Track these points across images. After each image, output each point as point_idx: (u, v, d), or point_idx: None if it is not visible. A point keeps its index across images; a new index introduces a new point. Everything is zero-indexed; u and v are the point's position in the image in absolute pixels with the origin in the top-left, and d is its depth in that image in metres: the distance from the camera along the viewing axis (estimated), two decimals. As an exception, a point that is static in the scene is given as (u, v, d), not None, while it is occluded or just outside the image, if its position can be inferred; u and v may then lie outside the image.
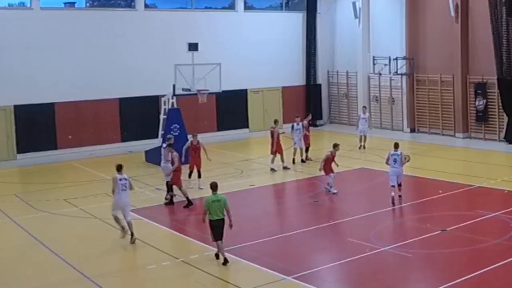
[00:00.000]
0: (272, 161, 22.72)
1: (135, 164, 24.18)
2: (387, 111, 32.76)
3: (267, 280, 12.28)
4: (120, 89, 28.85)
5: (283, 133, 23.63)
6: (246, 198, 19.47)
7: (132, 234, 15.01)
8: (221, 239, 13.37)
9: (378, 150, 25.84)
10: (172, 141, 19.53)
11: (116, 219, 15.21)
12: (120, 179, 15.25)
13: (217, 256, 13.58)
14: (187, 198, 18.14)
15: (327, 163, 19.27)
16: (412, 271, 12.82)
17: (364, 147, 26.69)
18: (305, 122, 24.72)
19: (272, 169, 22.60)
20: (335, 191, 19.03)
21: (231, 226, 13.42)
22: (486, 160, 24.43)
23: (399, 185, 18.00)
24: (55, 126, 27.62)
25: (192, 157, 20.56)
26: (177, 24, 30.35)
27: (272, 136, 22.76)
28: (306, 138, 24.22)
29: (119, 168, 15.29)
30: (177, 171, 18.30)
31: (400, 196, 18.05)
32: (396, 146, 18.34)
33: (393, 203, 17.51)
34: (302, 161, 23.97)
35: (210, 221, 13.37)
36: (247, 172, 22.84)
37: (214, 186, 13.54)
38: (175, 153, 18.36)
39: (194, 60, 24.36)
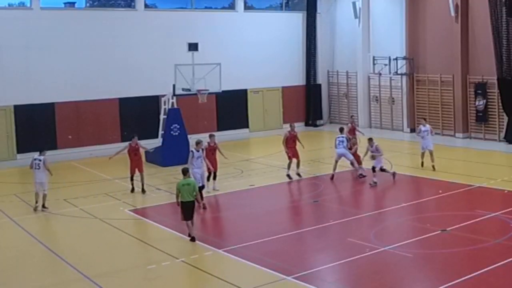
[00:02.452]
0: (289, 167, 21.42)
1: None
2: (387, 111, 32.77)
3: (267, 280, 12.27)
4: (120, 89, 28.86)
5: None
6: (246, 198, 19.48)
7: (43, 205, 17.89)
8: (191, 219, 14.80)
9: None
10: (202, 146, 18.61)
11: (36, 195, 17.93)
12: (35, 159, 18.08)
13: (191, 237, 14.81)
14: (132, 184, 19.89)
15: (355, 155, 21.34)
16: (412, 271, 12.82)
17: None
18: (350, 125, 23.32)
19: (288, 176, 21.31)
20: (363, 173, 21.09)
21: (204, 207, 15.92)
22: (486, 160, 24.42)
23: (431, 154, 21.80)
24: (55, 126, 27.65)
25: (209, 159, 19.30)
26: (177, 24, 30.36)
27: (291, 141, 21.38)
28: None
29: (40, 150, 18.24)
30: (136, 160, 19.85)
31: (433, 166, 21.70)
32: (425, 119, 23.30)
33: (422, 166, 22.03)
34: (362, 175, 21.00)
35: (182, 202, 14.77)
36: (247, 172, 22.84)
37: (185, 171, 15.16)
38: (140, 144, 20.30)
39: (194, 60, 24.36)
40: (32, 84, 26.89)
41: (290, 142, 21.34)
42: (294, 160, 21.34)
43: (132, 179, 20.03)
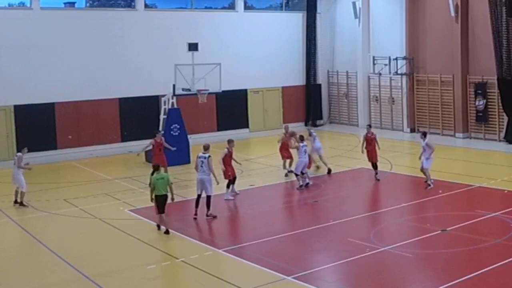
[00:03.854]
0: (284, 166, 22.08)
1: (135, 164, 24.19)
2: (387, 111, 32.78)
3: (267, 280, 12.27)
4: (120, 89, 28.87)
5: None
6: (246, 198, 19.48)
7: (20, 202, 18.57)
8: (163, 212, 15.53)
9: (378, 150, 25.83)
10: (208, 152, 17.11)
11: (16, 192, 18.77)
12: (15, 156, 19.29)
13: (158, 227, 15.80)
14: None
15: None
16: (412, 271, 12.81)
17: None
18: (366, 134, 21.22)
19: (287, 173, 21.75)
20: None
21: (172, 199, 15.69)
22: (486, 160, 24.43)
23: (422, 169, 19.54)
24: (55, 126, 27.65)
25: (229, 165, 18.73)
26: (177, 24, 30.36)
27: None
28: (373, 151, 20.96)
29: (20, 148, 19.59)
30: (160, 155, 20.53)
31: (426, 181, 19.39)
32: (424, 134, 19.75)
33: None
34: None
35: (156, 196, 15.55)
36: (247, 172, 22.82)
37: (157, 167, 15.93)
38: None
39: (194, 60, 24.36)
40: (32, 84, 26.90)
41: (284, 144, 21.72)
42: (288, 160, 21.93)
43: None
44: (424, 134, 19.85)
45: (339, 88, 35.44)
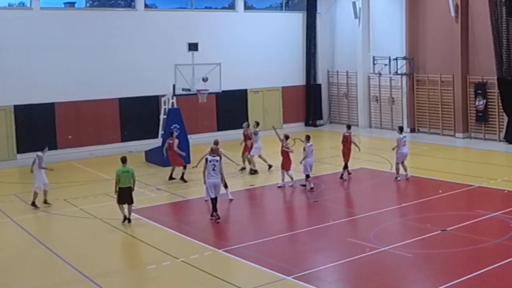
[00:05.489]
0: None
1: (135, 164, 24.03)
2: (387, 111, 32.77)
3: (267, 280, 12.27)
4: (120, 89, 28.87)
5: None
6: (246, 198, 19.48)
7: (44, 201, 18.55)
8: (131, 202, 16.39)
9: (378, 150, 25.87)
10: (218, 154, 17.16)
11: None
12: (36, 156, 18.93)
13: (127, 220, 16.37)
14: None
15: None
16: (412, 271, 12.82)
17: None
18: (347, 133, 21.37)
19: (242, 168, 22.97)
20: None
21: (133, 189, 16.49)
22: (486, 160, 24.43)
23: (402, 163, 20.61)
24: (55, 126, 27.64)
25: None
26: (177, 24, 30.36)
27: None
28: (347, 151, 21.04)
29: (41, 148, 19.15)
30: (174, 155, 21.14)
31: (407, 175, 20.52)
32: (401, 129, 21.07)
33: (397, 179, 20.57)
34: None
35: (120, 188, 16.29)
36: (247, 172, 22.82)
37: (124, 159, 16.57)
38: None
39: (194, 60, 24.35)
40: (32, 84, 26.89)
41: (246, 139, 23.08)
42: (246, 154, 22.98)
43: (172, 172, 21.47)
44: (401, 129, 21.29)
45: (339, 88, 35.44)
